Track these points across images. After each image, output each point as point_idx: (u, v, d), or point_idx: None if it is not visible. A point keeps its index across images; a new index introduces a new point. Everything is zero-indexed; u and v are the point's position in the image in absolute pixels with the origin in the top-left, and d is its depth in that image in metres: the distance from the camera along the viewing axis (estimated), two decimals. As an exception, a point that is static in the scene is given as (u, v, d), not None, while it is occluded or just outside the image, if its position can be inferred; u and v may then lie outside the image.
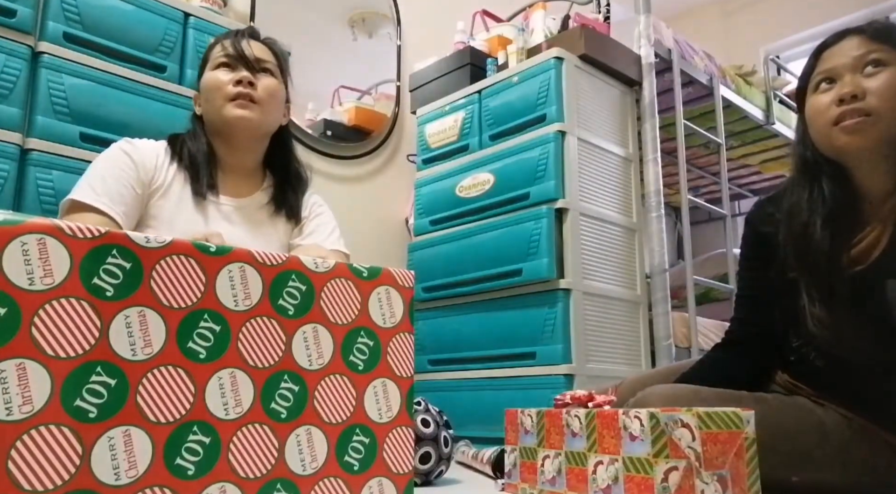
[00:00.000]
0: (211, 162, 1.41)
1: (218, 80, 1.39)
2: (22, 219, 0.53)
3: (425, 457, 1.34)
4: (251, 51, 1.41)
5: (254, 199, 1.45)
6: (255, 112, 1.40)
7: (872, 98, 1.11)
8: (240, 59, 1.40)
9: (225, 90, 1.38)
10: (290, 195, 1.49)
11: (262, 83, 1.41)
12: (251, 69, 1.40)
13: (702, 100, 2.94)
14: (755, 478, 0.88)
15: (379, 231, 2.98)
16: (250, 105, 1.39)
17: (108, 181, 1.29)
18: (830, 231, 1.16)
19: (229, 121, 1.39)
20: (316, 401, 0.64)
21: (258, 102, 1.39)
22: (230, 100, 1.38)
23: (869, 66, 1.12)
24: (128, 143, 1.39)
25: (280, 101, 1.46)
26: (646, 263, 2.49)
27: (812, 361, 1.23)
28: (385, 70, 3.18)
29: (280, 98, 1.46)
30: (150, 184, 1.35)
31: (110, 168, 1.32)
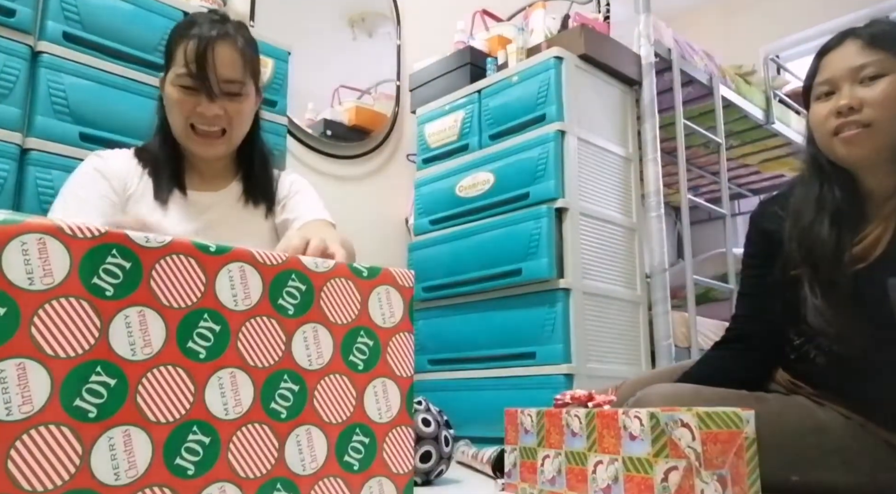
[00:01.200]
0: (178, 163, 1.35)
1: (180, 103, 1.27)
2: (21, 219, 0.53)
3: (426, 456, 1.34)
4: (215, 74, 1.26)
5: (229, 192, 1.40)
6: (220, 147, 1.32)
7: (870, 109, 1.12)
8: (203, 87, 1.26)
9: (185, 117, 1.28)
10: (261, 181, 1.41)
11: (229, 111, 1.29)
12: (216, 96, 1.27)
13: (702, 100, 2.94)
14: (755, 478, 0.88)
15: (379, 230, 2.98)
16: (216, 141, 1.30)
17: (80, 196, 1.29)
18: (836, 228, 1.17)
19: (191, 148, 1.32)
20: (316, 401, 0.64)
21: (225, 134, 1.30)
22: (193, 130, 1.29)
23: (867, 75, 1.13)
24: (96, 157, 1.36)
25: (249, 115, 1.35)
26: (646, 263, 2.49)
27: (813, 359, 1.23)
28: (385, 69, 3.18)
29: (249, 115, 1.35)
30: (124, 191, 1.33)
31: (83, 183, 1.31)
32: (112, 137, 1.73)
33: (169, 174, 1.34)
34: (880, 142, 1.13)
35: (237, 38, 1.30)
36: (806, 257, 1.18)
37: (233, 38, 1.29)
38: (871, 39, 1.13)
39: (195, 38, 1.26)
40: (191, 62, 1.25)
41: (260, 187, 1.41)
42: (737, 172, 3.74)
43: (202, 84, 1.25)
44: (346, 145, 2.97)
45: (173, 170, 1.34)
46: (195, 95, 1.27)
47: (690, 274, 2.58)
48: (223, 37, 1.27)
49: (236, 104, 1.29)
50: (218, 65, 1.26)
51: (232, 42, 1.29)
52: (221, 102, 1.27)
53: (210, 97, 1.26)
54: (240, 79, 1.29)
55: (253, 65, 1.33)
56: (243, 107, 1.31)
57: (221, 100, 1.27)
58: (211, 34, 1.26)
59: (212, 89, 1.26)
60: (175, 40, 1.30)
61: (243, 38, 1.32)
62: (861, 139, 1.13)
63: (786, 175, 3.75)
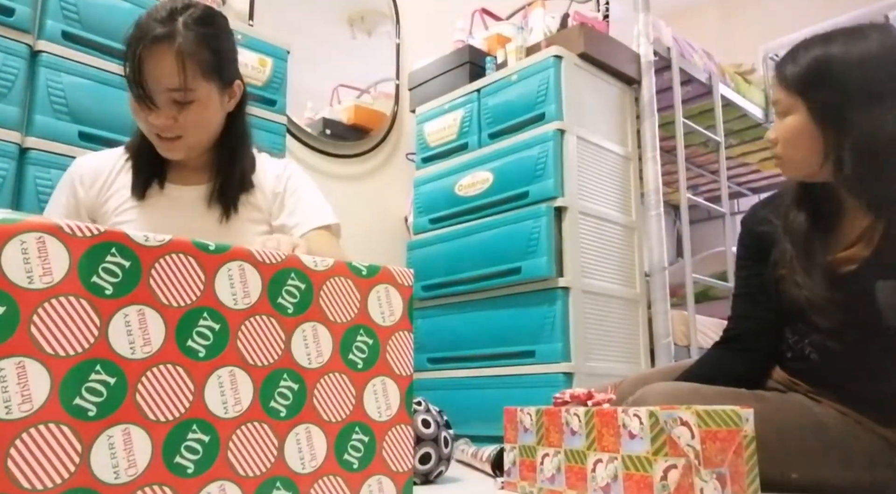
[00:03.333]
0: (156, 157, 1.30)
1: (136, 113, 1.22)
2: (21, 218, 0.53)
3: (425, 458, 1.34)
4: (156, 81, 1.17)
5: (198, 189, 1.35)
6: (180, 149, 1.25)
7: (780, 144, 1.21)
8: (141, 98, 1.18)
9: (144, 126, 1.23)
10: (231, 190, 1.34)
11: (180, 119, 1.21)
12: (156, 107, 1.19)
13: (701, 99, 2.95)
14: (754, 476, 0.88)
15: (378, 229, 2.98)
16: (174, 145, 1.24)
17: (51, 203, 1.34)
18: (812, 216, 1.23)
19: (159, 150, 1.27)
20: (315, 399, 0.64)
21: (182, 137, 1.23)
22: (152, 136, 1.24)
23: (778, 111, 1.21)
24: (75, 164, 1.37)
25: (210, 118, 1.26)
26: (645, 261, 2.49)
27: (808, 357, 1.24)
28: (384, 68, 3.18)
29: (208, 120, 1.26)
30: (99, 191, 1.32)
31: (57, 189, 1.36)
32: (111, 136, 1.73)
33: (147, 168, 1.30)
34: (799, 171, 1.21)
35: (177, 39, 1.16)
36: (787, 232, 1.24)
37: (171, 41, 1.16)
38: (782, 78, 1.19)
39: (131, 44, 1.17)
40: (127, 71, 1.17)
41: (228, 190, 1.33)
42: (736, 171, 3.74)
43: (139, 95, 1.17)
44: (345, 144, 2.97)
45: (151, 164, 1.30)
46: (146, 106, 1.19)
47: (690, 273, 2.58)
48: (160, 40, 1.15)
49: (186, 112, 1.20)
50: (154, 73, 1.16)
51: (169, 45, 1.16)
52: (169, 111, 1.19)
53: (149, 108, 1.18)
54: (181, 86, 1.17)
55: (204, 65, 1.20)
56: (195, 114, 1.21)
57: (169, 109, 1.19)
58: (144, 43, 1.15)
59: (150, 100, 1.17)
60: (125, 46, 1.20)
61: (190, 36, 1.18)
62: (783, 169, 1.23)
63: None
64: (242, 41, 2.05)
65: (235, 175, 1.34)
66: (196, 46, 1.19)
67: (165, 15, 1.19)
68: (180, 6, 1.22)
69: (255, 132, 1.46)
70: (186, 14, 1.21)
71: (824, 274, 1.16)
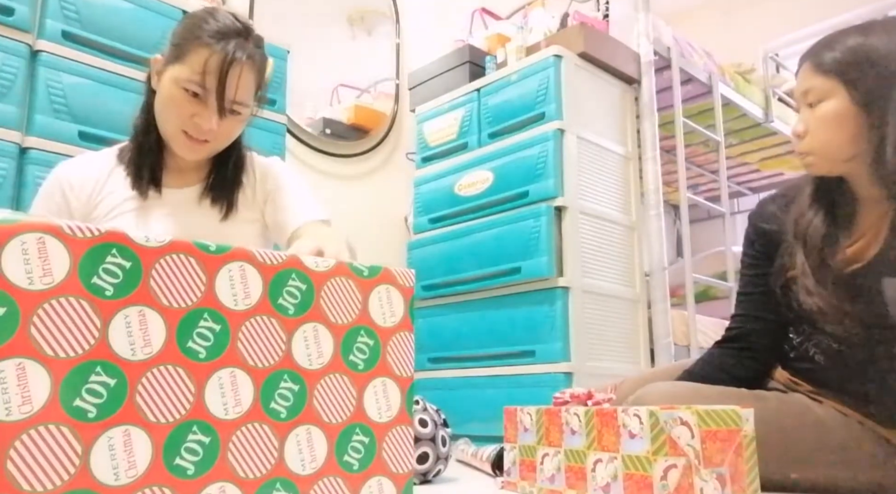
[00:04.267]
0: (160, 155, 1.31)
1: (179, 105, 1.22)
2: (21, 218, 0.53)
3: (423, 457, 1.34)
4: (233, 92, 1.22)
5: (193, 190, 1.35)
6: (203, 152, 1.28)
7: (809, 137, 1.17)
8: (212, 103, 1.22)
9: (182, 120, 1.23)
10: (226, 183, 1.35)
11: (224, 127, 1.25)
12: (221, 112, 1.23)
13: (701, 98, 2.94)
14: (754, 476, 0.88)
15: (378, 229, 2.98)
16: (201, 147, 1.26)
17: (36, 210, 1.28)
18: (830, 218, 1.20)
19: (174, 147, 1.28)
20: (315, 400, 0.64)
21: (210, 143, 1.26)
22: (182, 131, 1.24)
23: (811, 100, 1.17)
24: (61, 167, 1.32)
25: (239, 130, 1.31)
26: (645, 261, 2.49)
27: (812, 358, 1.24)
28: (384, 68, 3.18)
29: (239, 129, 1.30)
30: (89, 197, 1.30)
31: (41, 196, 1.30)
32: (111, 136, 1.73)
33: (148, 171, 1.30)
34: (827, 165, 1.18)
35: (257, 58, 1.26)
36: (799, 240, 1.22)
37: (254, 59, 1.25)
38: (818, 63, 1.16)
39: (220, 54, 1.20)
40: (209, 76, 1.21)
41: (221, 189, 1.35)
42: (736, 170, 3.74)
43: (213, 101, 1.22)
44: (345, 144, 2.97)
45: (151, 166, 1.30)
46: (197, 104, 1.22)
47: (690, 273, 2.58)
48: (248, 58, 1.23)
49: (232, 122, 1.26)
50: (236, 87, 1.22)
51: (253, 63, 1.25)
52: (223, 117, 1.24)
53: (217, 114, 1.23)
54: (247, 102, 1.26)
55: (256, 85, 1.29)
56: (235, 126, 1.28)
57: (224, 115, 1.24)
58: (238, 55, 1.21)
59: (222, 108, 1.23)
60: (195, 40, 1.22)
61: (261, 55, 1.29)
62: (810, 163, 1.19)
63: (785, 173, 3.75)
64: (242, 41, 2.05)
65: (229, 173, 1.35)
66: (262, 67, 1.29)
67: (242, 29, 1.25)
68: (247, 22, 1.29)
69: (255, 132, 1.47)
70: (256, 32, 1.29)
71: (838, 283, 1.15)
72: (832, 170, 1.18)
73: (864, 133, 1.12)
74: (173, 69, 1.23)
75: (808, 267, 1.18)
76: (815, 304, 1.16)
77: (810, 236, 1.20)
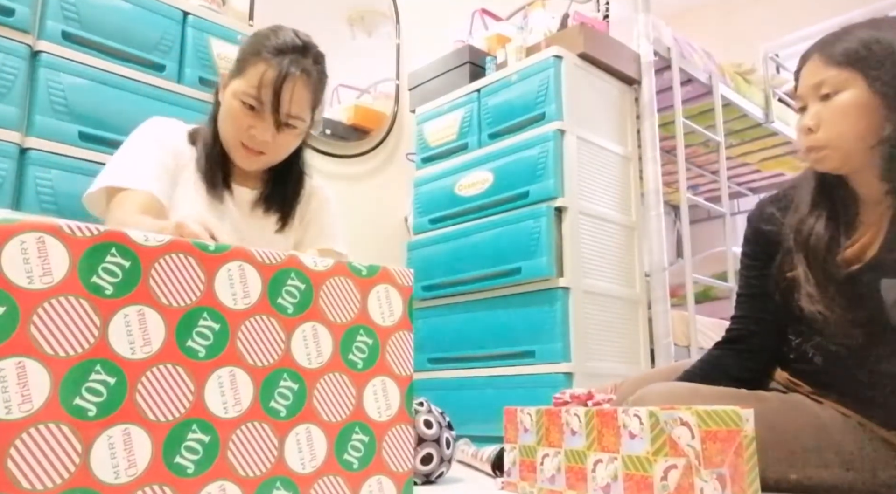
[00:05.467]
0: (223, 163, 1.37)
1: (236, 117, 1.29)
2: (21, 218, 0.53)
3: (427, 459, 1.34)
4: (288, 106, 1.28)
5: (252, 192, 1.42)
6: (259, 163, 1.35)
7: (824, 129, 1.14)
8: (267, 117, 1.28)
9: (239, 132, 1.30)
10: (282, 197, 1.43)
11: (280, 140, 1.31)
12: (277, 125, 1.29)
13: (701, 99, 2.94)
14: (754, 476, 0.88)
15: (378, 229, 2.98)
16: (257, 158, 1.33)
17: (138, 156, 1.30)
18: (832, 223, 1.19)
19: (233, 157, 1.35)
20: (315, 399, 0.64)
21: (266, 154, 1.33)
22: (240, 142, 1.31)
23: (824, 93, 1.15)
24: (155, 124, 1.37)
25: (295, 144, 1.37)
26: (645, 261, 2.49)
27: (811, 359, 1.24)
28: (384, 68, 3.18)
29: (295, 143, 1.37)
30: (176, 165, 1.35)
31: (141, 146, 1.32)
32: (111, 137, 1.73)
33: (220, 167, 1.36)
34: (840, 160, 1.15)
35: (313, 74, 1.31)
36: (801, 248, 1.20)
37: (309, 75, 1.30)
38: (830, 55, 1.14)
39: (277, 69, 1.26)
40: (265, 89, 1.26)
41: (280, 200, 1.42)
42: (736, 171, 3.74)
43: (269, 114, 1.27)
44: (345, 144, 2.97)
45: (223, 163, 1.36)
46: (255, 117, 1.28)
47: (690, 273, 2.58)
48: (304, 73, 1.29)
49: (287, 135, 1.32)
50: (290, 101, 1.27)
51: (308, 78, 1.30)
52: (279, 129, 1.30)
53: (273, 127, 1.28)
54: (303, 116, 1.32)
55: (314, 101, 1.34)
56: (291, 139, 1.34)
57: (280, 128, 1.30)
58: (292, 70, 1.27)
59: (277, 121, 1.28)
60: (254, 55, 1.29)
61: (318, 72, 1.34)
62: (822, 159, 1.16)
63: (785, 173, 3.75)
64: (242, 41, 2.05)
65: (288, 189, 1.43)
66: (318, 83, 1.34)
67: (302, 46, 1.31)
68: (307, 39, 1.34)
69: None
70: (316, 49, 1.35)
71: (839, 288, 1.15)
72: (844, 165, 1.16)
73: (883, 123, 1.10)
74: (234, 83, 1.30)
75: (810, 275, 1.17)
76: (818, 311, 1.15)
77: (813, 243, 1.18)
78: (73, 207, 1.64)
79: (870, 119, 1.11)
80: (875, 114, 1.11)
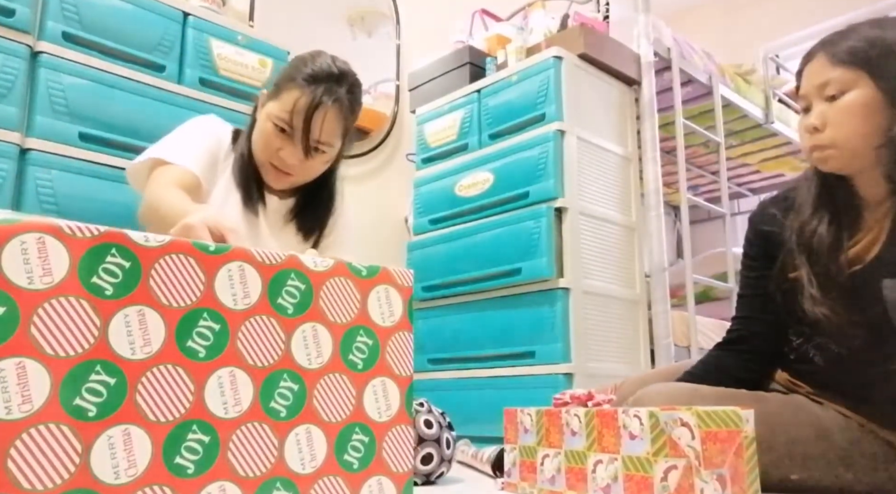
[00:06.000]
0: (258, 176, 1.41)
1: (268, 138, 1.33)
2: (21, 218, 0.53)
3: (427, 458, 1.34)
4: (318, 133, 1.32)
5: (283, 203, 1.46)
6: (286, 183, 1.39)
7: (831, 129, 1.13)
8: (297, 141, 1.32)
9: (269, 152, 1.34)
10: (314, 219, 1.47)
11: (308, 164, 1.35)
12: (306, 151, 1.33)
13: (701, 99, 2.94)
14: (754, 477, 0.88)
15: (378, 230, 2.98)
16: (286, 178, 1.37)
17: (188, 140, 1.34)
18: (834, 225, 1.18)
19: (263, 175, 1.39)
20: (315, 400, 0.64)
21: (294, 176, 1.37)
22: (270, 164, 1.35)
23: (830, 93, 1.13)
24: (210, 119, 1.42)
25: (324, 168, 1.41)
26: (645, 262, 2.49)
27: (812, 359, 1.24)
28: (384, 69, 3.18)
29: (323, 167, 1.40)
30: (220, 158, 1.39)
31: (194, 133, 1.37)
32: (112, 137, 1.73)
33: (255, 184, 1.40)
34: (846, 160, 1.14)
35: (346, 103, 1.34)
36: (803, 250, 1.19)
37: (342, 104, 1.33)
38: (835, 55, 1.13)
39: (310, 97, 1.29)
40: (297, 116, 1.30)
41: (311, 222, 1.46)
42: (736, 171, 3.74)
43: (298, 140, 1.31)
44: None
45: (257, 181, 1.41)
46: (285, 139, 1.32)
47: (690, 274, 2.58)
48: (335, 102, 1.31)
49: (316, 160, 1.35)
50: (321, 129, 1.31)
51: (340, 107, 1.33)
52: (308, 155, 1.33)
53: (293, 146, 1.32)
54: (333, 143, 1.35)
55: (345, 128, 1.37)
56: (319, 164, 1.37)
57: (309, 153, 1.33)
58: (325, 99, 1.30)
59: (306, 147, 1.32)
60: (291, 80, 1.33)
61: (351, 100, 1.36)
62: (828, 158, 1.15)
63: (785, 174, 3.75)
64: (243, 42, 2.05)
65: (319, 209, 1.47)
66: (349, 112, 1.37)
67: (338, 74, 1.34)
68: (344, 67, 1.36)
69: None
70: (352, 78, 1.37)
71: (841, 290, 1.14)
72: (849, 165, 1.15)
73: (889, 123, 1.10)
74: (270, 104, 1.35)
75: (812, 277, 1.17)
76: (822, 314, 1.15)
77: (815, 245, 1.18)
78: (73, 208, 1.65)
79: (876, 119, 1.10)
80: (881, 114, 1.10)
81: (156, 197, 1.18)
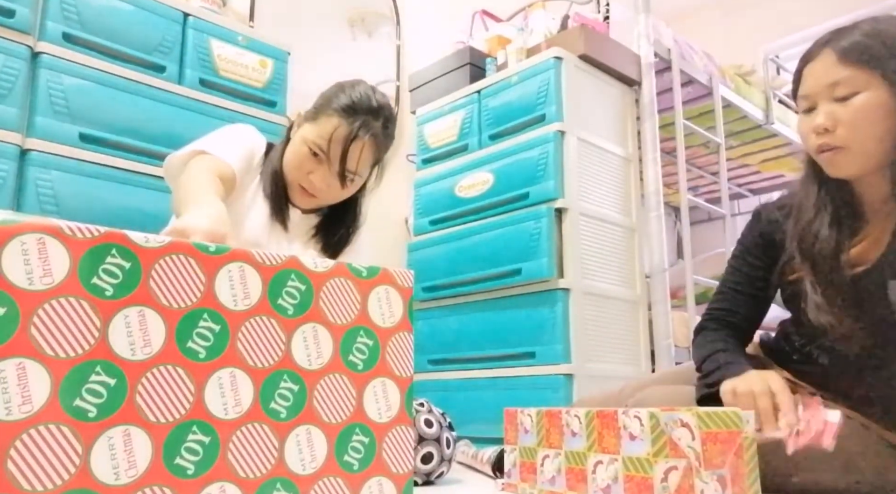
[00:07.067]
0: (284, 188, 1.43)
1: (301, 161, 1.35)
2: (21, 219, 0.53)
3: (427, 458, 1.34)
4: (353, 164, 1.35)
5: (305, 219, 1.47)
6: (312, 204, 1.42)
7: (843, 129, 1.09)
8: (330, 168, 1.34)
9: (300, 174, 1.36)
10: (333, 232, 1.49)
11: (335, 188, 1.37)
12: (340, 179, 1.35)
13: (701, 100, 2.94)
14: (754, 478, 0.88)
15: (378, 230, 2.96)
16: (311, 199, 1.39)
17: (230, 140, 1.35)
18: (835, 228, 1.16)
19: (289, 192, 1.41)
20: (315, 401, 0.64)
21: (318, 198, 1.39)
22: (299, 184, 1.37)
23: (840, 94, 1.10)
24: (249, 128, 1.45)
25: (349, 194, 1.43)
26: (645, 263, 2.49)
27: (815, 360, 1.23)
28: (384, 70, 3.18)
29: (349, 193, 1.43)
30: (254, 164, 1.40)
31: (236, 135, 1.39)
32: (112, 138, 1.73)
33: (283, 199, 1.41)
34: (859, 162, 1.11)
35: (380, 137, 1.38)
36: (805, 254, 1.18)
37: (377, 138, 1.37)
38: (844, 53, 1.10)
39: (348, 129, 1.32)
40: (334, 145, 1.32)
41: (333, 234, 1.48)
42: (736, 172, 3.74)
43: (334, 168, 1.34)
44: (345, 145, 2.97)
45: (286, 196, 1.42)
46: (317, 163, 1.34)
47: (690, 274, 2.58)
48: (372, 136, 1.35)
49: (346, 188, 1.38)
50: (356, 161, 1.35)
51: (375, 140, 1.37)
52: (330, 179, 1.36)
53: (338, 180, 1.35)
54: (363, 174, 1.40)
55: (380, 158, 1.43)
56: (346, 189, 1.39)
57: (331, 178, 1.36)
58: (361, 133, 1.33)
59: (340, 176, 1.35)
60: (329, 108, 1.35)
61: (386, 135, 1.40)
62: (839, 160, 1.12)
63: (785, 175, 3.75)
64: (243, 43, 2.06)
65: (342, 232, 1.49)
66: (383, 143, 1.41)
67: (376, 107, 1.37)
68: (382, 100, 1.39)
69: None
70: (388, 112, 1.41)
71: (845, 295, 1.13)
72: (860, 168, 1.12)
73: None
74: (307, 127, 1.37)
75: (817, 285, 1.15)
76: (827, 321, 1.13)
77: (818, 251, 1.16)
78: (73, 208, 1.65)
79: (890, 121, 1.08)
80: (894, 117, 1.08)
81: (186, 176, 1.18)
